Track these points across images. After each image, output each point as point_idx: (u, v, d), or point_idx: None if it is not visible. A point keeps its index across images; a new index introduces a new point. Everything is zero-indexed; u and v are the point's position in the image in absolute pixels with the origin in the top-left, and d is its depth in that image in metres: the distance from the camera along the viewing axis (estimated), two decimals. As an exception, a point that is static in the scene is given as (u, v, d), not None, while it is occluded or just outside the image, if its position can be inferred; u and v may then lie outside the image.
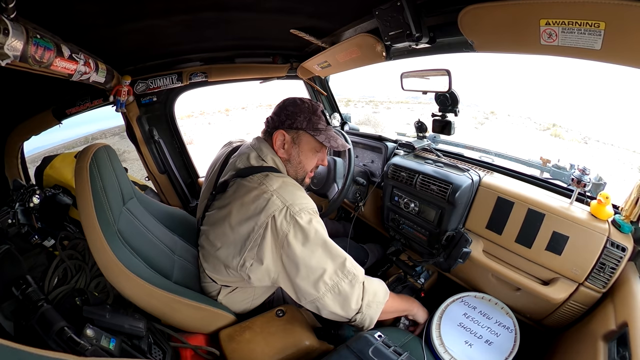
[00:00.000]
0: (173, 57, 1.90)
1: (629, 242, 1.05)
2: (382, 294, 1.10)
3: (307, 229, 0.96)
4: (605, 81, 13.55)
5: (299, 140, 1.16)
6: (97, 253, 0.99)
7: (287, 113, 1.14)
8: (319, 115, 1.16)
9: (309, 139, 1.16)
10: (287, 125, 1.14)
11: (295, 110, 1.14)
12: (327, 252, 0.99)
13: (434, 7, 1.10)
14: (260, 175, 1.06)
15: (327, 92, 2.43)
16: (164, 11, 1.19)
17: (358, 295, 1.02)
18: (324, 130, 1.16)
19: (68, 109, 1.88)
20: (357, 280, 1.02)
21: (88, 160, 1.02)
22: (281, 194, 1.00)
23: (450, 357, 1.12)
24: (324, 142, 1.15)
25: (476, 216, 1.39)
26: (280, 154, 1.16)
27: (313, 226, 0.98)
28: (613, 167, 8.67)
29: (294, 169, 1.18)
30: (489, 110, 16.09)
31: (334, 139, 1.16)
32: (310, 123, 1.14)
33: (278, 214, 0.96)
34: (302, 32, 1.54)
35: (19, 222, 1.36)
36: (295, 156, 1.17)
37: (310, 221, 0.98)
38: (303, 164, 1.19)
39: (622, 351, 0.84)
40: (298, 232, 0.96)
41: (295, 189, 1.04)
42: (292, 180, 1.09)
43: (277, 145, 1.15)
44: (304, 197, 1.03)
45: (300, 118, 1.13)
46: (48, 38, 0.93)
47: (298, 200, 1.00)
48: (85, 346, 0.76)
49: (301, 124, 1.13)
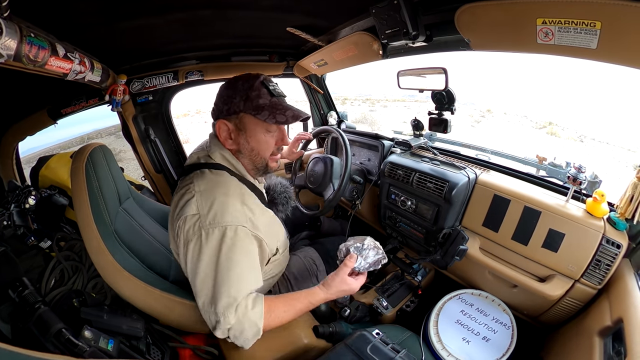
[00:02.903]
0: (169, 56, 1.89)
1: (624, 239, 1.07)
2: (252, 334, 0.92)
3: (204, 249, 0.89)
4: (601, 80, 13.64)
5: (242, 125, 1.01)
6: (93, 254, 0.99)
7: (223, 99, 1.01)
8: (257, 89, 0.98)
9: (251, 120, 1.00)
10: (226, 112, 1.00)
11: (229, 93, 1.00)
12: (211, 280, 0.89)
13: (431, 5, 1.10)
14: (196, 172, 1.00)
15: (324, 90, 2.43)
16: (159, 9, 1.18)
17: (222, 332, 0.90)
18: (267, 105, 0.98)
19: (63, 108, 1.86)
20: (221, 325, 0.88)
21: (84, 161, 1.01)
22: (202, 198, 0.92)
23: (448, 354, 1.13)
24: (267, 121, 0.98)
25: (473, 214, 1.40)
26: (228, 145, 1.03)
27: (213, 248, 0.88)
28: (608, 165, 8.73)
29: (248, 158, 1.05)
30: (486, 108, 16.14)
31: (280, 112, 0.99)
32: (248, 102, 0.98)
33: (190, 219, 0.90)
34: (298, 30, 1.53)
35: (14, 224, 1.35)
36: (245, 144, 1.03)
37: (215, 241, 0.89)
38: (256, 150, 1.04)
39: (617, 346, 0.85)
40: (197, 246, 0.89)
41: (223, 196, 0.94)
42: (228, 184, 0.98)
43: (222, 138, 1.02)
44: (228, 209, 0.92)
45: (236, 100, 0.98)
46: (42, 37, 0.92)
47: (218, 212, 0.90)
48: (84, 348, 0.76)
49: (239, 107, 0.98)
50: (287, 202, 1.27)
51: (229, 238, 0.89)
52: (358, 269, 1.03)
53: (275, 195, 1.22)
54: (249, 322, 0.90)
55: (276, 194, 1.23)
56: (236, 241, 0.90)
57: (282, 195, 1.23)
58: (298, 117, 1.01)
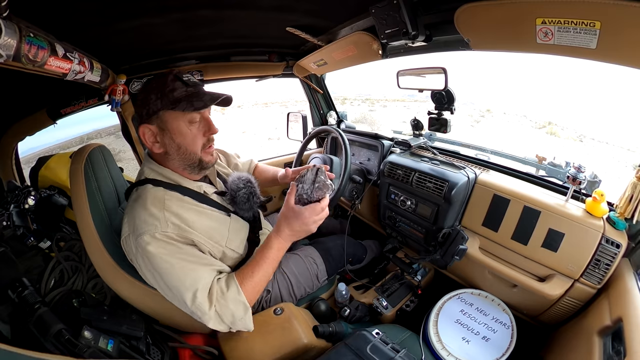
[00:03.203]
0: (168, 56, 1.89)
1: (623, 238, 1.07)
2: (242, 311, 0.95)
3: (143, 262, 0.91)
4: (601, 80, 13.65)
5: (164, 124, 0.96)
6: (93, 254, 0.99)
7: (140, 103, 0.97)
8: (170, 84, 0.95)
9: (171, 115, 0.95)
10: (146, 116, 0.96)
11: (145, 96, 0.96)
12: (166, 285, 0.91)
13: (431, 5, 1.10)
14: (131, 195, 1.01)
15: (324, 90, 2.43)
16: (159, 9, 1.18)
17: (214, 322, 0.93)
18: (183, 96, 0.95)
19: (63, 108, 1.85)
20: (206, 317, 0.91)
21: (83, 161, 1.01)
22: (128, 217, 0.94)
23: (448, 353, 1.13)
24: (186, 110, 0.95)
25: (472, 213, 1.40)
26: (156, 150, 0.99)
27: (148, 257, 0.89)
28: (608, 165, 8.74)
29: (178, 158, 1.01)
30: (485, 108, 16.14)
31: (197, 98, 0.95)
32: (164, 98, 0.94)
33: (125, 241, 0.93)
34: (298, 30, 1.53)
35: (14, 224, 1.35)
36: (171, 143, 0.98)
37: (146, 251, 0.89)
38: (184, 146, 0.99)
39: (617, 346, 0.85)
40: (139, 261, 0.92)
41: (141, 208, 0.93)
42: (146, 196, 0.96)
43: (149, 143, 0.98)
44: (144, 219, 0.91)
45: (152, 99, 0.94)
46: (42, 37, 0.92)
47: (137, 225, 0.90)
48: (83, 348, 0.76)
49: (156, 105, 0.94)
50: (250, 199, 1.14)
51: (154, 245, 0.89)
52: (301, 195, 1.02)
53: (233, 194, 1.13)
54: (232, 301, 0.93)
55: (234, 192, 1.13)
56: (162, 245, 0.90)
57: (241, 192, 1.12)
58: (216, 98, 0.99)
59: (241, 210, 1.15)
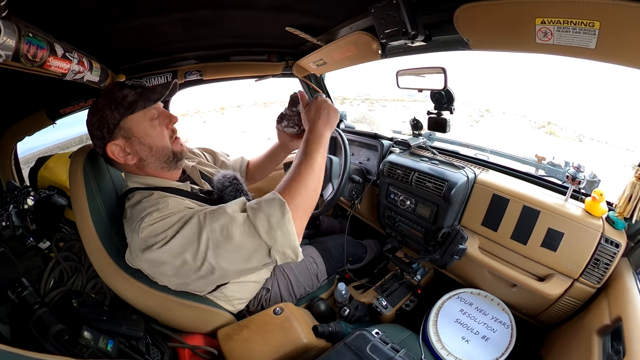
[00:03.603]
0: (168, 56, 1.88)
1: (623, 238, 1.07)
2: (279, 210, 0.80)
3: (161, 223, 0.84)
4: (600, 80, 13.67)
5: (129, 132, 0.94)
6: (92, 254, 0.98)
7: (96, 126, 0.93)
8: (118, 93, 0.93)
9: (132, 120, 0.94)
10: (108, 134, 0.92)
11: (98, 117, 0.92)
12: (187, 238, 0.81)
13: (430, 4, 1.09)
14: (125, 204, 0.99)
15: (323, 90, 2.42)
16: (158, 9, 1.17)
17: (247, 236, 0.80)
18: (136, 98, 0.93)
19: (62, 108, 1.85)
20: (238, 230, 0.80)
21: (82, 161, 1.01)
22: (129, 221, 0.92)
23: (448, 353, 1.13)
24: (146, 107, 0.94)
25: (472, 213, 1.40)
26: (130, 161, 0.97)
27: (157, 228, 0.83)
28: (607, 165, 8.76)
29: (153, 159, 0.99)
30: (485, 108, 16.18)
31: (150, 92, 0.95)
32: (119, 107, 0.92)
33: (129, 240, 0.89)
34: (297, 29, 1.53)
35: (13, 225, 1.34)
36: (142, 147, 0.96)
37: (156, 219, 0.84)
38: (154, 145, 0.98)
39: (616, 345, 0.85)
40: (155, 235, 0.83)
41: (138, 206, 0.92)
42: (139, 197, 0.95)
43: (122, 159, 0.96)
44: (146, 206, 0.89)
45: (108, 114, 0.91)
46: (41, 37, 0.91)
47: (137, 217, 0.87)
48: (83, 348, 0.76)
49: (115, 118, 0.91)
50: (237, 196, 1.07)
51: (162, 212, 0.85)
52: (291, 117, 1.18)
53: (220, 194, 1.10)
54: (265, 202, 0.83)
55: (220, 191, 1.10)
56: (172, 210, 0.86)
57: (227, 190, 1.09)
58: (168, 86, 0.98)
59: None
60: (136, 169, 1.01)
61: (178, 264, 0.81)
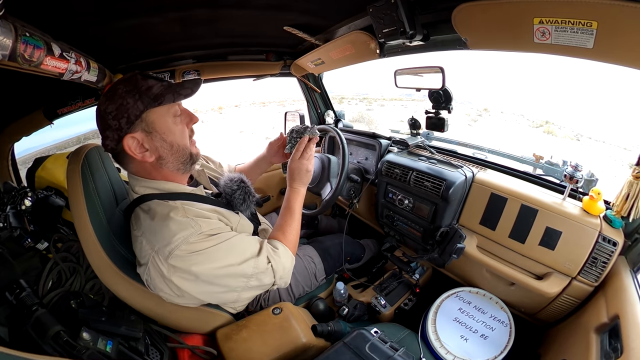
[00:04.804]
0: (165, 55, 1.88)
1: (620, 236, 1.08)
2: (290, 263, 1.08)
3: (189, 270, 0.85)
4: (598, 79, 13.72)
5: (151, 126, 0.88)
6: (90, 255, 0.98)
7: (112, 114, 0.84)
8: (142, 82, 0.87)
9: (157, 112, 0.88)
10: (126, 125, 0.85)
11: (118, 103, 0.84)
12: (233, 256, 0.90)
13: (428, 4, 1.10)
14: (133, 215, 0.96)
15: (321, 89, 2.42)
16: (156, 9, 1.17)
17: (268, 276, 0.99)
18: (163, 90, 0.88)
19: (59, 108, 1.84)
20: (263, 274, 0.97)
21: (80, 162, 1.00)
22: (148, 236, 0.87)
23: (446, 351, 1.13)
24: (176, 101, 0.91)
25: (470, 212, 1.40)
26: (147, 158, 0.90)
27: (193, 262, 0.84)
28: (605, 164, 8.80)
29: (172, 158, 0.94)
30: (482, 107, 16.19)
31: (179, 87, 0.91)
32: (144, 97, 0.85)
33: (152, 262, 0.86)
34: (295, 29, 1.53)
35: (10, 226, 1.33)
36: (162, 144, 0.91)
37: (191, 252, 0.84)
38: (176, 143, 0.93)
39: (614, 343, 0.86)
40: (183, 273, 0.85)
41: (159, 221, 0.87)
42: (157, 209, 0.90)
43: (138, 155, 0.89)
44: (173, 227, 0.85)
45: (130, 102, 0.84)
46: (38, 36, 0.91)
47: (170, 236, 0.84)
48: (82, 350, 0.75)
49: (138, 108, 0.85)
50: (246, 200, 1.10)
51: (197, 246, 0.85)
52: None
53: (229, 197, 1.09)
54: (283, 255, 1.04)
55: (229, 195, 1.09)
56: (203, 241, 0.86)
57: (236, 194, 1.08)
58: (196, 82, 0.94)
59: (239, 211, 1.12)
60: (151, 169, 0.95)
61: (217, 290, 0.93)
